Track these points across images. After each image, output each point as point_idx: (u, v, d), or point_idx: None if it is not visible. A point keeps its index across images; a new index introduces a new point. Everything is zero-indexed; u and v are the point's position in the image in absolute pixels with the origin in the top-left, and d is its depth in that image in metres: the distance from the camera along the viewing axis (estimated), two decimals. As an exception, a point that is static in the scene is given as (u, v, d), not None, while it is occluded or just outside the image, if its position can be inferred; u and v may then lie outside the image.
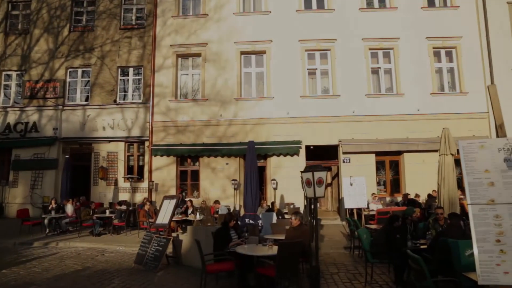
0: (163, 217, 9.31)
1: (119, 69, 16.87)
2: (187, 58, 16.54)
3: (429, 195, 13.67)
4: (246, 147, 11.22)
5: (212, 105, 15.75)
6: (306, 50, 15.97)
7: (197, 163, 15.86)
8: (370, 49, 15.90)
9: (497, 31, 16.01)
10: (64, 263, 8.81)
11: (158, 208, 10.57)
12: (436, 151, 9.93)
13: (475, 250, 3.03)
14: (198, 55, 16.30)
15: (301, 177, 5.35)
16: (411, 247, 6.71)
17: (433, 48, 15.93)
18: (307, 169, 5.27)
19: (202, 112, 15.75)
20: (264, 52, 16.05)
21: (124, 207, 14.07)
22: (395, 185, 15.89)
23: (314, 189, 5.09)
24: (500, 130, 3.89)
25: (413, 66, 15.64)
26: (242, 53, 16.14)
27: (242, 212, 12.26)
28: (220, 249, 6.89)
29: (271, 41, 15.91)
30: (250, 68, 16.25)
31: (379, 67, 16.03)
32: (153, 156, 15.61)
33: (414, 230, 7.91)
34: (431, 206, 12.35)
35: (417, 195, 13.85)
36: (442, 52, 16.15)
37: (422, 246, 6.85)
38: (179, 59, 16.52)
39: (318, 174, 5.08)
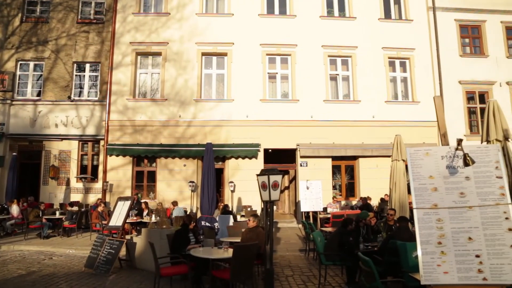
0: (117, 219, 9.06)
1: (75, 65, 16.23)
2: (147, 56, 16.20)
3: (381, 199, 14.22)
4: (204, 148, 11.15)
5: (171, 105, 15.52)
6: (267, 54, 16.13)
7: (154, 164, 15.54)
8: (329, 56, 16.31)
9: (446, 46, 17.02)
10: (7, 268, 8.31)
11: (112, 209, 10.26)
12: (389, 156, 10.33)
13: (419, 251, 3.19)
14: (159, 54, 16.01)
15: (257, 180, 5.38)
16: (363, 250, 6.94)
17: (389, 58, 16.61)
18: (262, 173, 5.31)
19: (160, 112, 15.48)
20: (225, 54, 16.03)
21: (75, 208, 13.53)
22: (350, 189, 16.36)
23: (270, 192, 5.14)
24: (443, 139, 4.12)
25: (369, 75, 16.21)
26: (203, 54, 16.03)
27: (199, 214, 12.16)
28: (178, 251, 6.79)
29: (233, 43, 15.93)
30: (211, 70, 16.16)
31: (338, 74, 16.48)
32: (108, 156, 15.12)
33: (367, 233, 8.16)
34: (383, 209, 12.83)
35: (368, 198, 14.33)
36: (397, 62, 16.87)
37: (373, 249, 7.11)
38: (139, 57, 16.14)
39: (274, 178, 5.13)
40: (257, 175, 5.39)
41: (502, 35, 17.91)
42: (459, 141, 3.36)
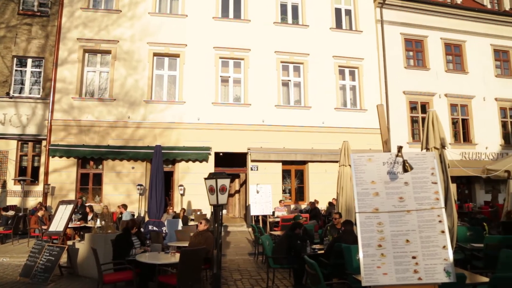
0: (58, 224, 8.59)
1: (15, 59, 15.24)
2: (96, 54, 15.58)
3: (329, 203, 14.59)
4: (153, 151, 10.90)
5: (120, 105, 15.01)
6: (220, 58, 16.09)
7: (100, 166, 14.93)
8: (281, 62, 16.58)
9: (392, 57, 17.94)
10: None
11: (53, 214, 9.72)
12: (337, 162, 10.64)
13: (361, 254, 3.29)
14: (108, 52, 15.45)
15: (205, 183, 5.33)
16: (309, 253, 7.09)
17: (339, 66, 17.19)
18: (210, 176, 5.27)
19: (108, 113, 14.92)
20: (178, 56, 15.80)
21: (11, 212, 12.67)
22: (300, 193, 16.67)
23: (217, 196, 5.11)
24: (385, 146, 4.34)
25: (320, 82, 16.67)
26: (155, 54, 15.69)
27: (147, 218, 11.84)
28: (120, 257, 6.55)
29: (186, 45, 15.74)
30: (162, 71, 15.85)
31: (289, 80, 16.79)
32: (50, 157, 14.29)
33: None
34: (331, 213, 13.16)
35: (316, 202, 14.67)
36: (346, 71, 17.49)
37: (319, 251, 7.27)
38: (87, 54, 15.48)
39: (222, 182, 5.12)
40: (205, 178, 5.34)
41: (441, 50, 19.16)
42: (399, 148, 3.52)
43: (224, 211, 18.09)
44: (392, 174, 3.51)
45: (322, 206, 14.91)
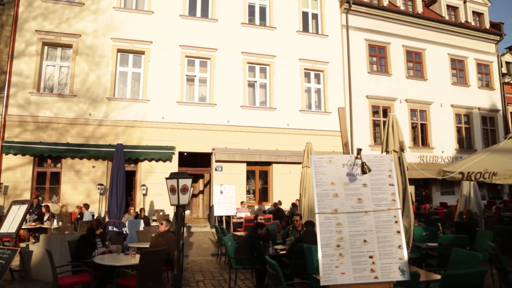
0: (10, 225, 8.19)
1: (-35, 49, 14.41)
2: (56, 48, 14.98)
3: (293, 204, 14.75)
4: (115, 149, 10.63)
5: (81, 102, 14.50)
6: (186, 56, 15.92)
7: (59, 165, 14.35)
8: (248, 63, 16.62)
9: (356, 62, 18.43)
10: None
11: (5, 214, 9.25)
12: (301, 163, 10.77)
13: (320, 254, 3.34)
14: (69, 46, 14.89)
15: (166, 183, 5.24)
16: (272, 253, 7.13)
17: (305, 69, 17.44)
18: (172, 176, 5.19)
19: (68, 109, 14.37)
20: (143, 53, 15.48)
21: (-40, 212, 11.95)
22: (264, 194, 16.75)
23: (178, 196, 5.03)
24: (345, 148, 4.44)
25: (286, 84, 16.83)
26: (119, 50, 15.30)
27: (107, 219, 11.53)
28: (81, 259, 6.32)
29: (151, 42, 15.45)
30: (126, 68, 15.47)
31: (255, 81, 16.86)
32: (4, 155, 13.59)
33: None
34: (294, 214, 13.30)
35: (279, 202, 14.79)
36: (312, 74, 17.77)
37: (281, 252, 7.32)
38: (46, 47, 14.84)
39: (183, 181, 5.05)
40: (166, 178, 5.25)
41: (403, 57, 19.86)
42: (359, 151, 3.61)
43: (188, 212, 17.91)
44: (351, 176, 3.59)
45: (286, 207, 15.05)
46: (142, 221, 10.88)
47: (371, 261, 3.42)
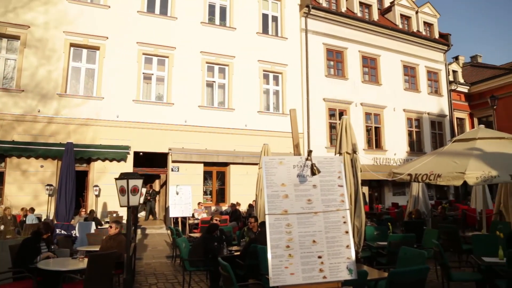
0: None
1: None
2: (1, 39, 14.11)
3: (250, 205, 14.80)
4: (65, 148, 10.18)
5: (29, 97, 13.74)
6: (144, 54, 15.54)
7: (2, 164, 13.51)
8: (207, 62, 16.49)
9: (314, 65, 18.78)
10: None
11: None
12: (258, 164, 10.81)
13: (269, 255, 3.35)
14: (16, 37, 14.05)
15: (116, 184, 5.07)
16: (226, 254, 7.10)
17: (263, 71, 17.55)
18: (121, 177, 5.03)
19: (15, 105, 13.57)
20: (98, 48, 14.93)
21: None
22: (221, 195, 16.66)
23: (128, 197, 4.89)
24: (296, 149, 4.48)
25: (244, 85, 16.86)
26: (72, 45, 14.66)
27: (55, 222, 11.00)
28: (23, 264, 5.95)
29: (107, 37, 14.94)
30: (80, 63, 14.86)
31: (214, 81, 16.76)
32: None
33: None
34: (250, 215, 13.35)
35: (237, 204, 14.79)
36: (271, 75, 17.91)
37: (236, 253, 7.31)
38: (-11, 38, 13.98)
39: (133, 182, 4.90)
40: (116, 179, 5.07)
41: (359, 62, 20.47)
42: (309, 152, 3.65)
43: (143, 213, 17.48)
44: (302, 177, 3.62)
45: (244, 208, 15.07)
46: (93, 223, 10.49)
47: (320, 261, 3.46)
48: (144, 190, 9.95)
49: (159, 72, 15.84)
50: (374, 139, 20.61)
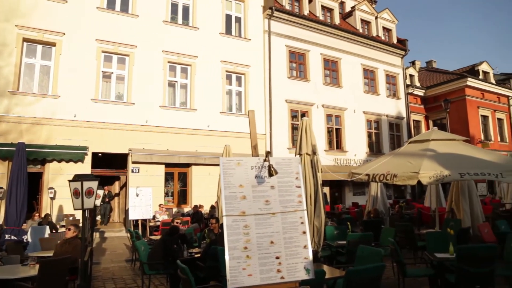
0: None
1: None
2: None
3: (212, 206, 14.68)
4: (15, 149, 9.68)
5: (-23, 95, 13.00)
6: (103, 52, 15.07)
7: None
8: (169, 62, 16.22)
9: (277, 67, 18.93)
10: None
11: None
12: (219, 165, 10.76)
13: (227, 257, 3.33)
14: (-39, 31, 13.27)
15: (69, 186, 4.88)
16: (186, 257, 7.01)
17: (226, 71, 17.48)
18: (75, 178, 4.84)
19: (-39, 102, 12.80)
20: (53, 45, 14.31)
21: None
22: (183, 196, 16.44)
23: (83, 200, 4.71)
24: (254, 150, 4.52)
25: (207, 85, 16.73)
26: (25, 40, 13.96)
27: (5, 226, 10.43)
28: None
29: (64, 33, 14.35)
30: (34, 59, 14.19)
31: (176, 81, 16.52)
32: None
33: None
34: (212, 216, 13.26)
35: (200, 206, 14.66)
36: (233, 76, 17.88)
37: (196, 255, 7.23)
38: None
39: (88, 184, 4.73)
40: (69, 181, 4.88)
41: (321, 64, 20.84)
42: (267, 153, 3.66)
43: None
44: (260, 178, 3.62)
45: (206, 209, 14.94)
46: (47, 227, 10.03)
47: (277, 261, 3.47)
48: (101, 192, 9.63)
49: (119, 70, 15.42)
50: (335, 140, 21.04)
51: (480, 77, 27.52)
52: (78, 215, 13.05)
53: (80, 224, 11.34)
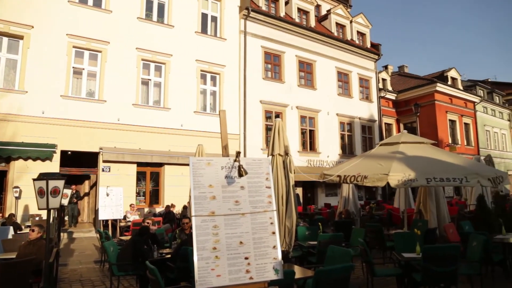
0: None
1: None
2: None
3: (184, 206, 14.55)
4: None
5: None
6: (74, 47, 14.66)
7: None
8: (143, 60, 15.97)
9: (252, 67, 18.96)
10: None
11: None
12: (190, 165, 10.66)
13: (195, 258, 3.30)
14: None
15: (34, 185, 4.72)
16: (157, 257, 6.90)
17: (201, 71, 17.37)
18: (40, 177, 4.69)
19: None
20: (21, 38, 13.80)
21: None
22: (155, 196, 16.21)
23: (48, 199, 4.56)
24: (224, 151, 4.50)
25: (181, 84, 16.56)
26: (-11, 32, 13.46)
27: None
28: None
29: (32, 27, 13.86)
30: (-1, 53, 13.69)
31: (150, 79, 16.27)
32: None
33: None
34: (185, 216, 13.14)
35: (172, 205, 14.50)
36: (208, 76, 17.78)
37: (167, 256, 7.13)
38: None
39: (54, 183, 4.58)
40: (34, 179, 4.71)
41: (296, 66, 21.00)
42: (238, 154, 3.65)
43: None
44: (230, 179, 3.61)
45: (179, 209, 14.79)
46: (11, 228, 9.68)
47: (246, 262, 3.47)
48: (68, 192, 9.34)
49: (91, 67, 15.03)
50: (309, 141, 21.25)
51: (449, 83, 28.46)
52: (45, 215, 12.68)
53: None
